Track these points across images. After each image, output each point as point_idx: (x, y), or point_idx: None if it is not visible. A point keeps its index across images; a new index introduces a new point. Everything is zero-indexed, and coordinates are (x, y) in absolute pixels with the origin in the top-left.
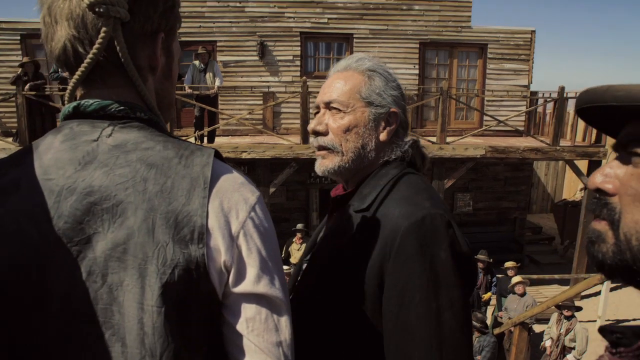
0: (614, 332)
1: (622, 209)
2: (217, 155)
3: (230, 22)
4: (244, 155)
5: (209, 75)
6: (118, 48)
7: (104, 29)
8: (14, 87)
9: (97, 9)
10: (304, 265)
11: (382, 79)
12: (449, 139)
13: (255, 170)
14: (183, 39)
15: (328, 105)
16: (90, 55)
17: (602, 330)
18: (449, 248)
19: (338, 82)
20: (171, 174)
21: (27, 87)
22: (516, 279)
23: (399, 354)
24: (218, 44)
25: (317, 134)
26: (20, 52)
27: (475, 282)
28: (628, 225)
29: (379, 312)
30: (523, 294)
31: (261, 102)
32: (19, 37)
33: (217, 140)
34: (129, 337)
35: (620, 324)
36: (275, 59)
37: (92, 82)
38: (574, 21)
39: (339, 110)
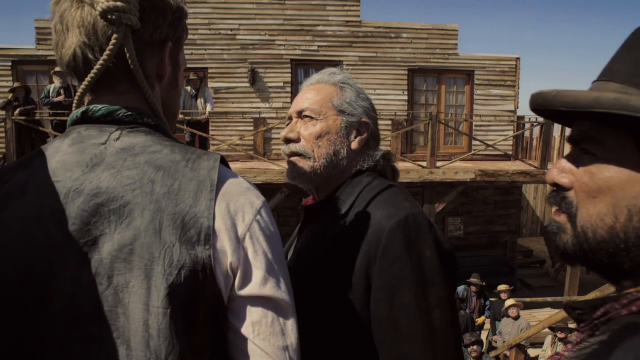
0: (575, 309)
1: (578, 203)
2: (223, 161)
3: (221, 49)
4: None
5: (200, 101)
6: (128, 55)
7: (114, 35)
8: (3, 112)
9: (109, 16)
10: None
11: (353, 90)
12: (438, 164)
13: None
14: None
15: (300, 114)
16: (100, 61)
17: (566, 308)
18: (434, 245)
19: (310, 93)
20: (178, 176)
21: (17, 111)
22: (509, 301)
23: (392, 355)
24: (209, 70)
25: (288, 141)
26: (11, 78)
27: (456, 278)
28: (584, 219)
29: (367, 315)
30: (517, 317)
31: (252, 127)
32: (10, 63)
33: None
34: (133, 339)
35: (580, 300)
36: (266, 86)
37: (100, 89)
38: (558, 45)
39: (311, 117)
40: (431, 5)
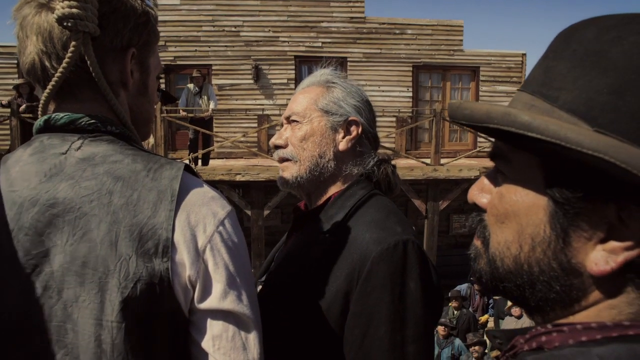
0: (495, 337)
1: (490, 228)
2: (189, 169)
3: (225, 46)
4: (238, 178)
5: (203, 99)
6: (89, 62)
7: (73, 43)
8: (8, 109)
9: (65, 23)
10: (259, 287)
11: (342, 89)
12: (443, 161)
13: (250, 192)
14: (178, 62)
15: (288, 120)
16: (60, 69)
17: (488, 335)
18: (419, 278)
19: (298, 97)
20: (138, 187)
21: (22, 107)
22: None
23: None
24: (213, 67)
25: (278, 147)
26: (17, 75)
27: (440, 315)
28: (494, 246)
29: (340, 337)
30: (520, 316)
31: (256, 124)
32: (15, 61)
33: (212, 162)
34: (83, 356)
35: (500, 329)
36: (269, 82)
37: (63, 96)
38: None
39: (297, 122)
40: (436, 1)
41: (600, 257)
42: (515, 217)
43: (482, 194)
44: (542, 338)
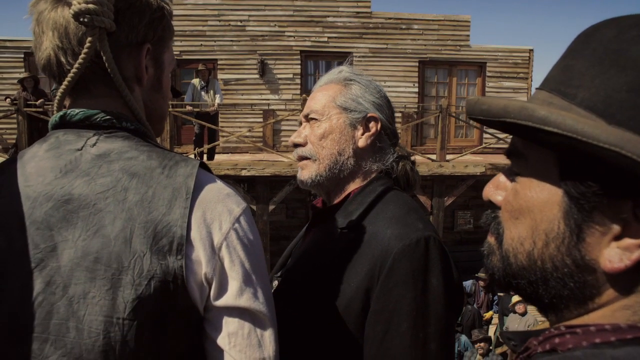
0: (510, 339)
1: (504, 224)
2: (204, 166)
3: (231, 40)
4: (244, 173)
5: (209, 93)
6: (104, 58)
7: (89, 38)
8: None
9: (81, 19)
10: (275, 282)
11: (360, 86)
12: (448, 157)
13: (255, 187)
14: (184, 57)
15: (307, 118)
16: (76, 65)
17: (503, 337)
18: (441, 275)
19: (317, 95)
20: (153, 184)
21: (40, 101)
22: (516, 297)
23: None
24: (219, 62)
25: (297, 145)
26: (23, 70)
27: (460, 312)
28: (507, 242)
29: (360, 334)
30: (524, 313)
31: (261, 119)
32: (22, 55)
33: (217, 157)
34: (86, 355)
35: (514, 331)
36: (275, 77)
37: (78, 92)
38: (572, 36)
39: (316, 119)
40: None
41: (614, 254)
42: (529, 212)
43: (497, 191)
44: (555, 340)
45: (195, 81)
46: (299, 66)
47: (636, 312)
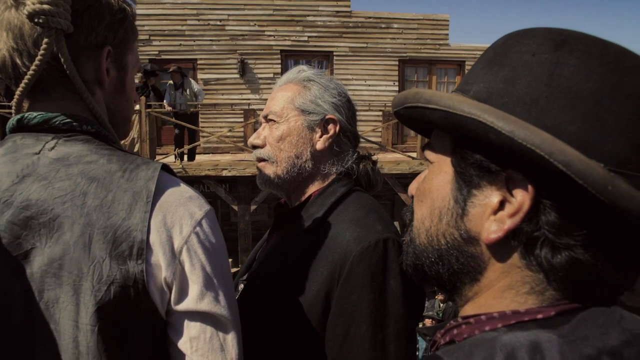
0: (425, 335)
1: (414, 209)
2: (167, 169)
3: (210, 40)
4: (225, 173)
5: (185, 93)
6: (62, 60)
7: (45, 40)
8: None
9: (36, 20)
10: (240, 286)
11: (320, 87)
12: None
13: (236, 187)
14: (163, 57)
15: (267, 119)
16: (32, 68)
17: (420, 333)
18: (399, 276)
19: (277, 95)
20: (113, 188)
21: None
22: None
23: None
24: (198, 61)
25: (255, 147)
26: None
27: (421, 312)
28: (415, 225)
29: (322, 337)
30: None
31: (242, 119)
32: None
33: (198, 158)
34: (64, 356)
35: (427, 326)
36: (255, 77)
37: (36, 95)
38: None
39: (275, 121)
40: None
41: (492, 226)
42: (430, 193)
43: (416, 185)
44: (454, 331)
45: (171, 82)
46: (279, 65)
47: (519, 292)
